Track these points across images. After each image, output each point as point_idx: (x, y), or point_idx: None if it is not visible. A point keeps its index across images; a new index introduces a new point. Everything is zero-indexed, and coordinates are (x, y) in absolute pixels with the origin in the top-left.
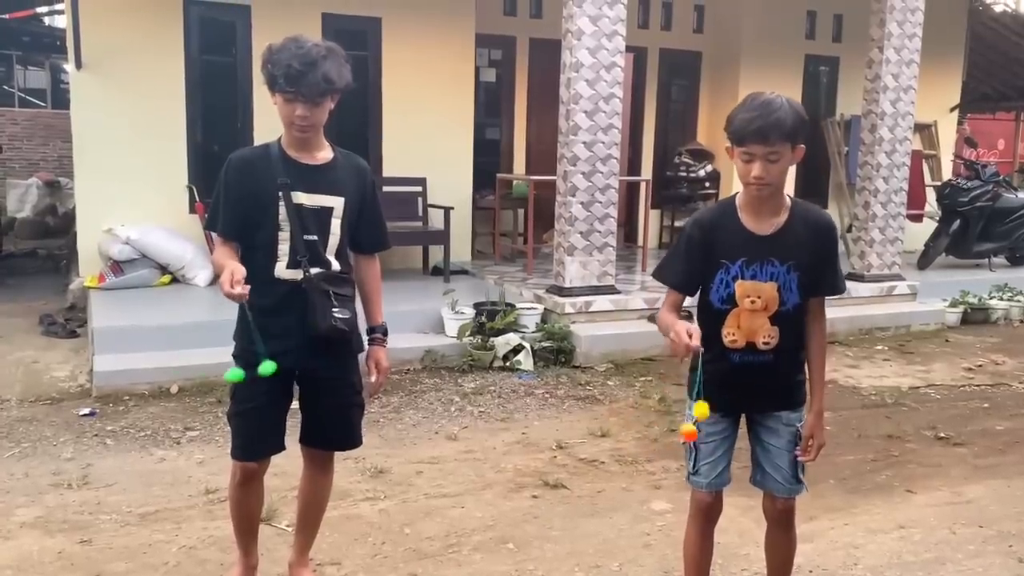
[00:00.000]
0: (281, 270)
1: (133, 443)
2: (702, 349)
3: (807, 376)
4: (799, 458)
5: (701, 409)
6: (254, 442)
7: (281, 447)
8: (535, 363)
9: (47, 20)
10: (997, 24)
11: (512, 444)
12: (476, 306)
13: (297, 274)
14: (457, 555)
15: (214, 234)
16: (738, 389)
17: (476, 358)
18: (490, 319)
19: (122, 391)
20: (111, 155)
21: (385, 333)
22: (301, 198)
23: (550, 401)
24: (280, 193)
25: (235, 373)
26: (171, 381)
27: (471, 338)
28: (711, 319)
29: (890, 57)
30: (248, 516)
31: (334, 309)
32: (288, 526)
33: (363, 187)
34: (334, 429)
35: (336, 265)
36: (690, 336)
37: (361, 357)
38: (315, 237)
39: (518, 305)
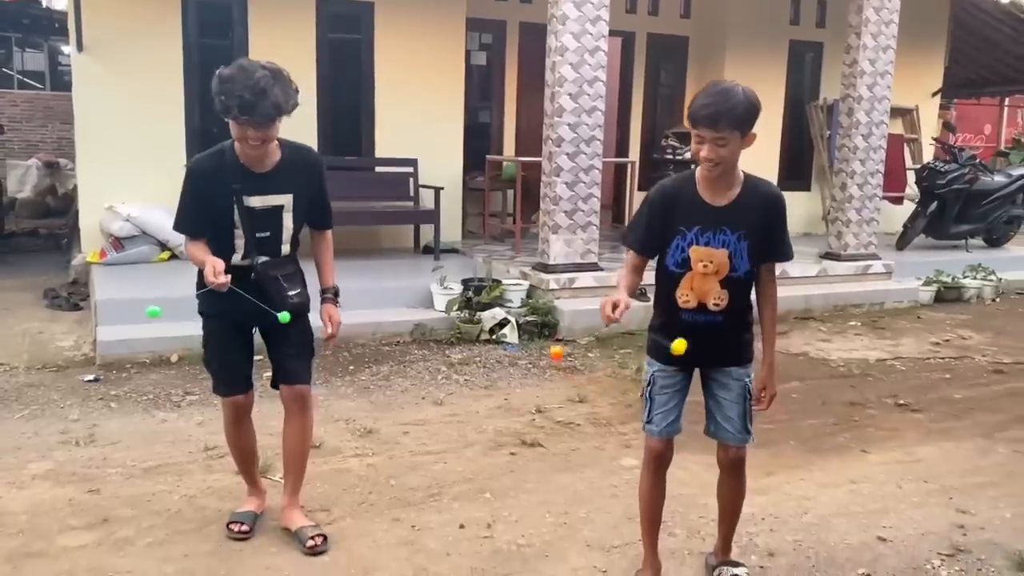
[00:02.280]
0: (236, 259)
1: (136, 406)
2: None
3: (756, 336)
4: (754, 407)
5: (679, 346)
6: (228, 381)
7: (250, 385)
8: (520, 336)
9: (45, 2)
10: (979, 10)
11: (494, 409)
12: (464, 282)
13: (248, 263)
14: (438, 503)
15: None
16: (689, 346)
17: (463, 331)
18: (477, 294)
19: (125, 359)
20: (112, 135)
21: (336, 294)
22: (254, 201)
23: (532, 371)
24: (234, 198)
25: (153, 311)
26: (171, 350)
27: (459, 312)
28: (666, 281)
29: (867, 43)
30: (246, 449)
31: (287, 291)
32: (281, 478)
33: (312, 180)
34: (293, 365)
35: (287, 250)
36: (615, 308)
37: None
38: (268, 234)
39: (504, 281)
